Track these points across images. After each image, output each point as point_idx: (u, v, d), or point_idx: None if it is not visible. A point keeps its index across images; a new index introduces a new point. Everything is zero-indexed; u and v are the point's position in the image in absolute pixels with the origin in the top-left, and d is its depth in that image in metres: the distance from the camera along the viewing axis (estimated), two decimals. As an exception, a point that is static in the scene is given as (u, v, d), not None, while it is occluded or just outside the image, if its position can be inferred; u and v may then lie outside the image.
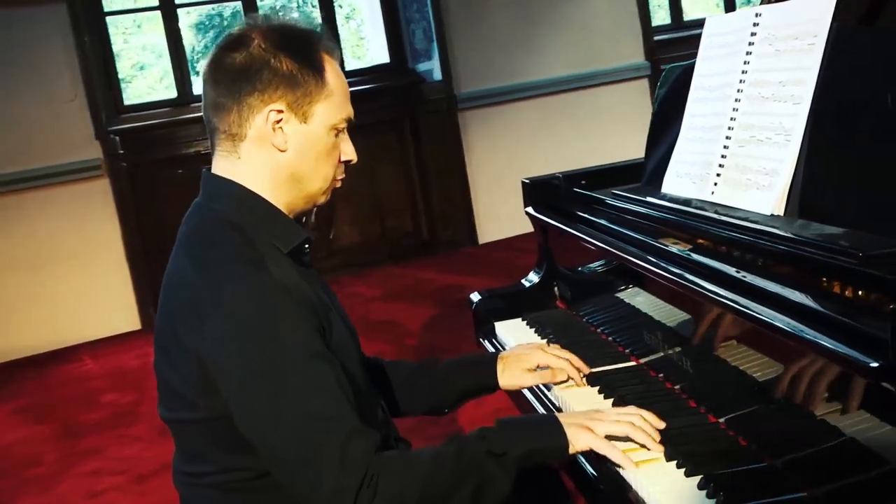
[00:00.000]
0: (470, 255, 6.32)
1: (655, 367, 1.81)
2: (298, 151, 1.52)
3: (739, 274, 1.49)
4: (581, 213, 2.22)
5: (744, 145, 1.77)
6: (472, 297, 2.46)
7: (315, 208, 1.61)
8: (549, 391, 1.87)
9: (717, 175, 1.83)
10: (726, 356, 1.53)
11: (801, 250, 1.43)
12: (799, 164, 1.62)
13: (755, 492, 1.31)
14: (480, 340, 2.39)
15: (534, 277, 2.48)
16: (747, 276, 1.47)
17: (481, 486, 1.39)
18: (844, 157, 1.56)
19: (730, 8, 7.60)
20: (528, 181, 2.49)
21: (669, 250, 1.73)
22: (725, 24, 1.95)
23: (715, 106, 1.89)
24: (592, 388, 1.81)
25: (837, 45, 1.61)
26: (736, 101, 1.82)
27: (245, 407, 1.39)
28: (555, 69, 6.58)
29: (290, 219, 1.55)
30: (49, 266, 5.50)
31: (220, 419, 1.41)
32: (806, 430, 1.31)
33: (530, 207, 2.45)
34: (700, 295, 1.53)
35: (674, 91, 2.13)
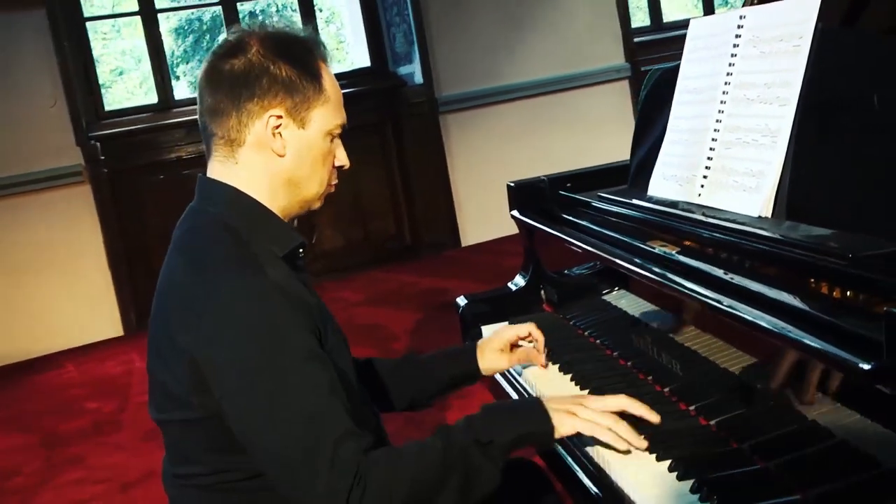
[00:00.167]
0: (453, 258, 6.32)
1: (644, 369, 1.81)
2: (296, 157, 1.54)
3: (728, 276, 1.49)
4: (567, 216, 2.22)
5: (730, 147, 1.77)
6: (459, 302, 2.46)
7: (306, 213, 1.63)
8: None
9: (704, 177, 1.83)
10: (716, 358, 1.53)
11: (792, 252, 1.43)
12: (786, 166, 1.62)
13: (749, 495, 1.31)
14: (467, 345, 2.38)
15: (520, 281, 2.48)
16: (735, 277, 1.48)
17: (469, 477, 1.41)
18: (831, 159, 1.56)
19: (708, 9, 7.63)
20: (513, 184, 2.47)
21: (657, 253, 1.73)
22: (710, 26, 1.95)
23: (700, 108, 1.89)
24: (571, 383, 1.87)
25: (823, 46, 1.61)
26: (721, 103, 1.82)
27: (238, 406, 1.39)
28: (535, 71, 6.59)
29: (286, 223, 1.57)
30: (30, 273, 5.46)
31: (214, 419, 1.42)
32: (798, 433, 1.31)
33: (516, 211, 2.44)
34: (689, 297, 1.53)
35: (658, 93, 2.13)
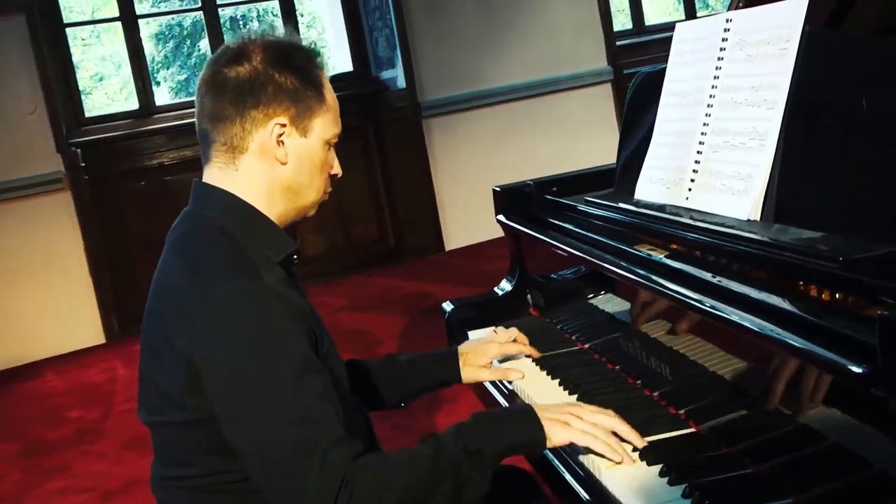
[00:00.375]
0: (437, 262, 6.30)
1: (633, 373, 1.80)
2: (297, 164, 1.56)
3: (716, 279, 1.49)
4: (553, 221, 2.21)
5: (718, 150, 1.77)
6: (445, 307, 2.45)
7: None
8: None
9: (692, 180, 1.82)
10: (705, 362, 1.53)
11: (781, 255, 1.43)
12: (774, 169, 1.62)
13: (741, 499, 1.31)
14: (454, 350, 2.37)
15: (506, 285, 2.47)
16: (723, 280, 1.47)
17: (459, 486, 1.40)
18: (819, 161, 1.56)
19: (690, 13, 7.65)
20: (499, 189, 2.47)
21: (645, 256, 1.72)
22: (696, 29, 1.94)
23: (687, 111, 1.88)
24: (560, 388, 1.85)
25: (810, 49, 1.61)
26: (709, 106, 1.82)
27: (232, 408, 1.39)
28: (518, 75, 6.59)
29: (281, 229, 1.58)
30: (10, 281, 5.40)
31: (209, 421, 1.41)
32: (789, 436, 1.30)
33: (501, 215, 2.43)
34: (678, 301, 1.53)
35: (644, 96, 2.12)
